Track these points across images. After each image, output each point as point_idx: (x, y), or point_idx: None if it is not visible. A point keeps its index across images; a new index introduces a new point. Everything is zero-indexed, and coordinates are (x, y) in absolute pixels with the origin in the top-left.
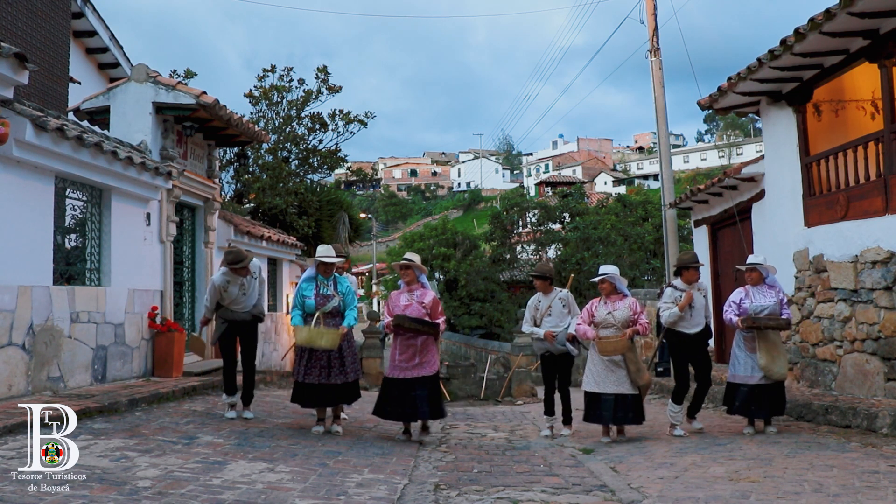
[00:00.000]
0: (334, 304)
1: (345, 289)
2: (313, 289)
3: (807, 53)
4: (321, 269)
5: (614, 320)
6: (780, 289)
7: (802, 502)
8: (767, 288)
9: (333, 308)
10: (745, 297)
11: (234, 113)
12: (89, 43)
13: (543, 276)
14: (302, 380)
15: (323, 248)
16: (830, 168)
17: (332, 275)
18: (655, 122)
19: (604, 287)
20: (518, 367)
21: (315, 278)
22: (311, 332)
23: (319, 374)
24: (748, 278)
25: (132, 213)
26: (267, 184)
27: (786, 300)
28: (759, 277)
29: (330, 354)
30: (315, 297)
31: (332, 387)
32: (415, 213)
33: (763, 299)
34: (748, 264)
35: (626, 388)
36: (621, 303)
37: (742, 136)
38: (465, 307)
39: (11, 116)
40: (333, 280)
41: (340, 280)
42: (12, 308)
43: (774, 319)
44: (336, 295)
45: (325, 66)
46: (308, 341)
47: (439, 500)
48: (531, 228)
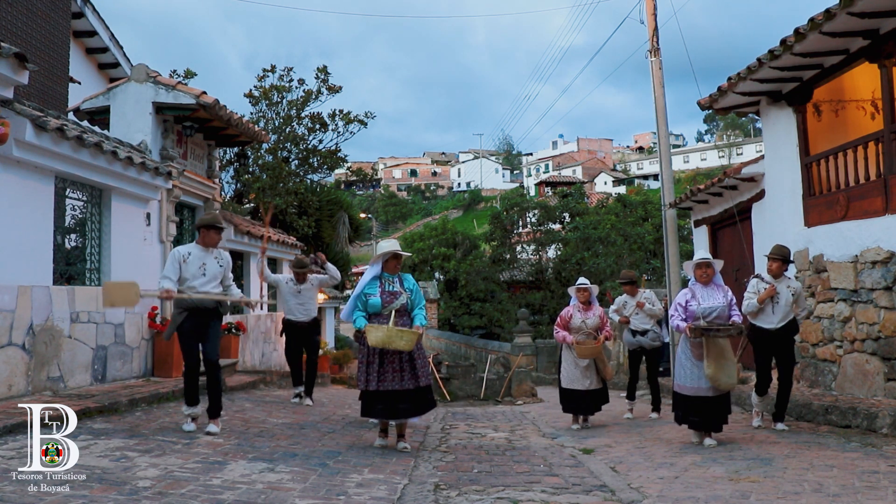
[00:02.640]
0: (402, 302)
1: (412, 285)
2: (378, 286)
3: (807, 53)
4: (389, 265)
5: (587, 327)
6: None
7: (802, 502)
8: (715, 287)
9: (402, 306)
10: (692, 299)
11: (234, 113)
12: (89, 43)
13: (631, 281)
14: (375, 388)
15: (387, 243)
16: (830, 168)
17: (399, 272)
18: (655, 122)
19: (583, 296)
20: (518, 367)
21: (380, 276)
22: (390, 331)
23: (393, 380)
24: (700, 275)
25: (132, 213)
26: (267, 184)
27: (734, 301)
28: (711, 274)
29: (401, 357)
30: (381, 295)
31: (405, 393)
32: (415, 213)
33: (711, 300)
34: (700, 259)
35: (595, 384)
36: (592, 312)
37: (742, 136)
38: (465, 307)
39: (11, 116)
40: (399, 277)
41: (405, 277)
42: (12, 308)
43: (726, 328)
44: (403, 292)
45: (325, 66)
46: (386, 342)
47: (439, 500)
48: (531, 228)
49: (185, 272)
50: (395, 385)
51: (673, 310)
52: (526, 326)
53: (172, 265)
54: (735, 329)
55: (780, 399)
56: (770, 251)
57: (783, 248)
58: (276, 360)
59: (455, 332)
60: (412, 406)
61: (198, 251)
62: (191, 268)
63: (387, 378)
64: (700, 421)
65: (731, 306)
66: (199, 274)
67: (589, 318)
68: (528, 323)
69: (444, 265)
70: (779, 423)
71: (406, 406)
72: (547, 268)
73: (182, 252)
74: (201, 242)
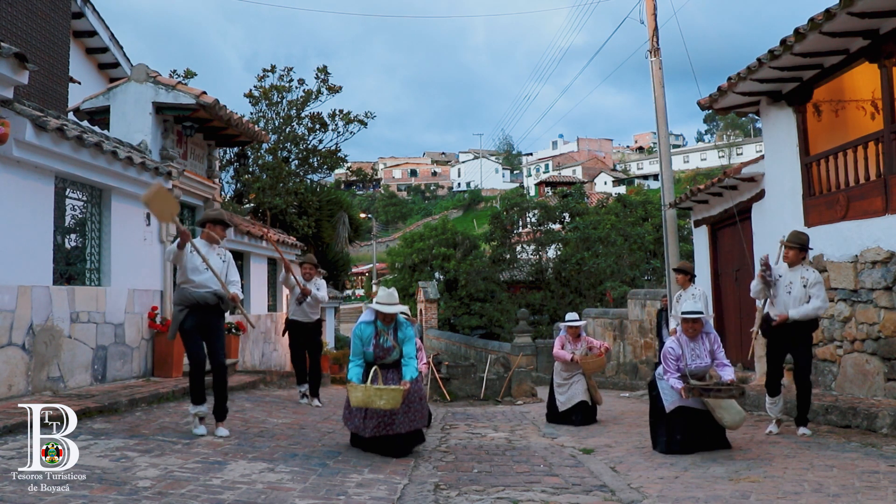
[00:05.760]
0: (395, 358)
1: (405, 335)
2: (373, 337)
3: (807, 53)
4: (380, 316)
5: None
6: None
7: (802, 502)
8: (702, 338)
9: (394, 361)
10: (680, 356)
11: (234, 113)
12: (89, 43)
13: (684, 270)
14: (361, 433)
15: (383, 294)
16: (830, 168)
17: (394, 321)
18: (655, 122)
19: (574, 332)
20: (518, 367)
21: (374, 323)
22: (368, 391)
23: (378, 426)
24: (687, 328)
25: (132, 213)
26: (267, 184)
27: (720, 347)
28: (699, 329)
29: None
30: (375, 349)
31: (396, 437)
32: (415, 213)
33: (698, 359)
34: (687, 313)
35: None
36: (580, 343)
37: (742, 136)
38: (465, 307)
39: (11, 116)
40: (394, 327)
41: (402, 325)
42: (12, 308)
43: (727, 389)
44: (396, 346)
45: (325, 66)
46: (365, 402)
47: (439, 500)
48: (531, 228)
49: (188, 263)
50: (382, 431)
51: (665, 364)
52: (526, 326)
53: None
54: (737, 390)
55: (799, 401)
56: (787, 237)
57: (801, 235)
58: (276, 360)
59: (455, 332)
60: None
61: (202, 245)
62: (195, 259)
63: (370, 425)
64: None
65: (716, 354)
66: (203, 268)
67: (578, 349)
68: (528, 323)
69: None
70: (801, 427)
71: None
72: (547, 268)
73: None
74: (206, 237)
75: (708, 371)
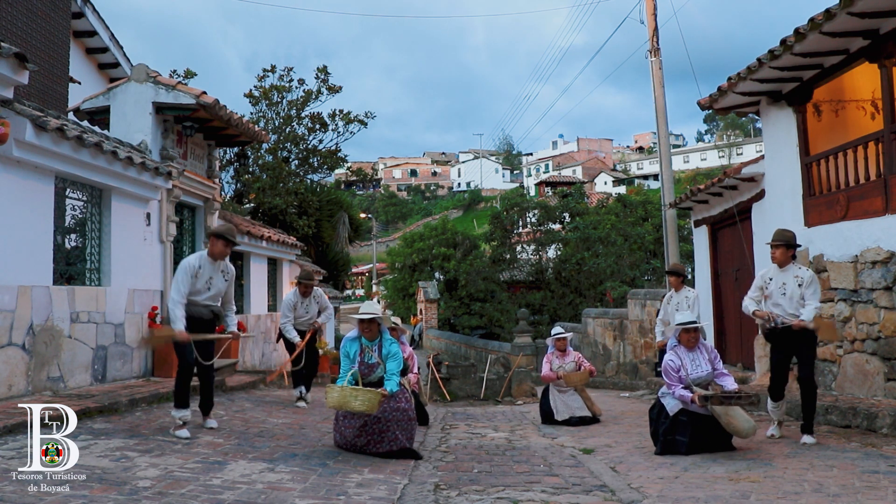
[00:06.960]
0: (379, 375)
1: (389, 351)
2: (358, 354)
3: (807, 53)
4: (364, 330)
5: (564, 372)
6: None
7: (802, 502)
8: (700, 350)
9: (378, 379)
10: (681, 367)
11: (234, 113)
12: (89, 43)
13: (676, 272)
14: (340, 441)
15: (364, 306)
16: (830, 168)
17: (378, 337)
18: (655, 122)
19: (561, 344)
20: (518, 367)
21: (359, 339)
22: (343, 392)
23: (358, 436)
24: (686, 339)
25: (132, 213)
26: (267, 184)
27: (718, 357)
28: (698, 338)
29: (367, 419)
30: (360, 366)
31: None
32: (415, 213)
33: (697, 368)
34: (683, 324)
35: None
36: (569, 357)
37: (742, 136)
38: (465, 307)
39: (11, 116)
40: (379, 343)
41: (386, 342)
42: (12, 308)
43: (747, 396)
44: (380, 362)
45: (325, 66)
46: (340, 404)
47: (439, 500)
48: (531, 228)
49: (192, 285)
50: (361, 442)
51: (669, 380)
52: (526, 326)
53: (185, 278)
54: (755, 397)
55: (804, 407)
56: (772, 237)
57: (786, 232)
58: (277, 361)
59: (455, 331)
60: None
61: (208, 265)
62: (199, 282)
63: (347, 434)
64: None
65: (716, 363)
66: (204, 289)
67: (566, 364)
68: (528, 323)
69: (444, 265)
70: (805, 435)
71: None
72: (547, 268)
73: (193, 265)
74: (210, 253)
75: (710, 381)
